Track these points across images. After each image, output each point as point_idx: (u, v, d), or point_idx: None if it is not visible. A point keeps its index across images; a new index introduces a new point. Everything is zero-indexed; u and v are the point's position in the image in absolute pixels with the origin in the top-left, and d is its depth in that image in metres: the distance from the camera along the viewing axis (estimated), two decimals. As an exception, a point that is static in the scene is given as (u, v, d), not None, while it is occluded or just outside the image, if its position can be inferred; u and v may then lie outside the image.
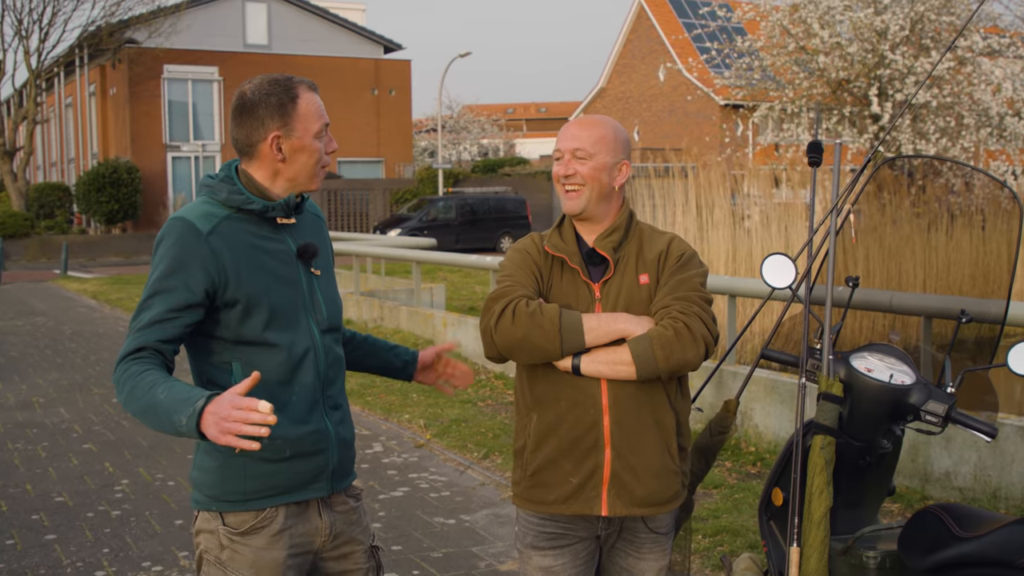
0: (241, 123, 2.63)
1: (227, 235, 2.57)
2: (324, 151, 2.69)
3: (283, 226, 2.69)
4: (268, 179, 2.66)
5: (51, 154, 49.11)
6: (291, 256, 2.67)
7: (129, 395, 2.41)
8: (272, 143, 2.61)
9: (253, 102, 2.61)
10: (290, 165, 2.65)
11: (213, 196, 2.63)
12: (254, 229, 2.63)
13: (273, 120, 2.60)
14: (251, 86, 2.64)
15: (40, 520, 6.10)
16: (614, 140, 2.93)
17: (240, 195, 2.62)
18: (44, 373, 11.19)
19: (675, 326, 2.77)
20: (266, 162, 2.65)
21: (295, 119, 2.62)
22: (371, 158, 41.70)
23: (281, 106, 2.60)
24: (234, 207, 2.61)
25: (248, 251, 2.59)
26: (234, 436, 2.21)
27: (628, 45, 46.91)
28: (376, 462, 7.31)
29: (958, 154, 22.90)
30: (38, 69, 35.98)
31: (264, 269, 2.61)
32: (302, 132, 2.63)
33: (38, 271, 27.85)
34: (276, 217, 2.65)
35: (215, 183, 2.65)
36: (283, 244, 2.67)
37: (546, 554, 2.95)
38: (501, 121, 65.41)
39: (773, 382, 7.18)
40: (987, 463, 5.83)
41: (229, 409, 2.22)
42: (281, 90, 2.62)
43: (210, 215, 2.59)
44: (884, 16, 22.09)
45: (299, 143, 2.63)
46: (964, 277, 15.32)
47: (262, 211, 2.62)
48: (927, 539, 2.97)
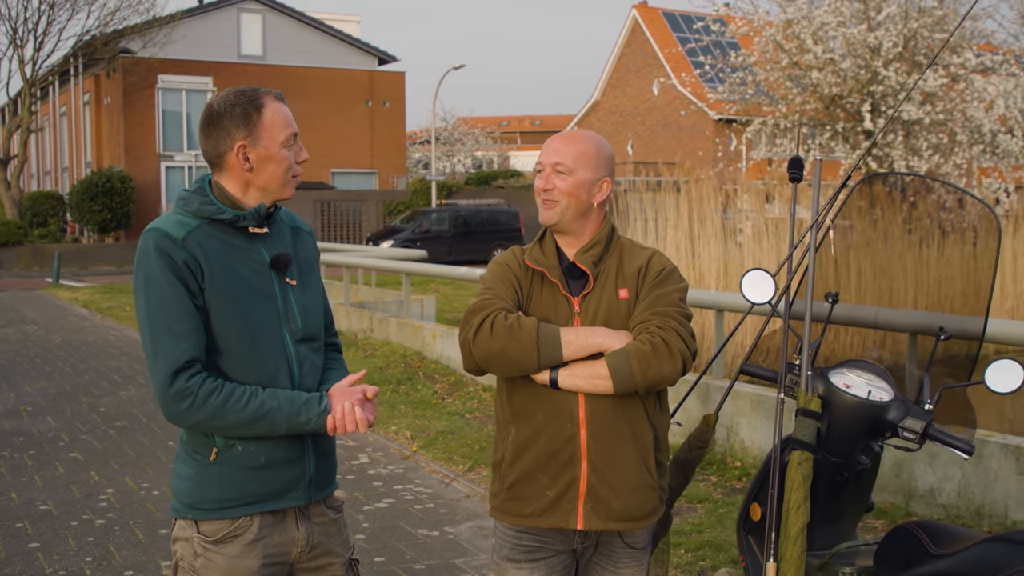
0: (208, 135, 2.67)
1: (201, 241, 2.60)
2: (294, 160, 2.71)
3: (256, 236, 2.70)
4: (239, 190, 2.68)
5: (45, 163, 49.08)
6: (264, 266, 2.69)
7: (221, 408, 2.55)
8: (238, 152, 2.64)
9: (219, 113, 2.64)
10: (258, 174, 2.67)
11: (186, 208, 2.65)
12: (226, 239, 2.64)
13: (239, 130, 2.63)
14: (218, 98, 2.67)
15: (24, 528, 6.08)
16: (596, 156, 2.94)
17: (211, 205, 2.64)
18: (32, 381, 11.17)
19: (653, 341, 2.78)
20: (235, 172, 2.67)
21: (260, 128, 2.64)
22: (365, 169, 41.72)
23: (246, 116, 2.63)
24: (206, 217, 2.63)
25: (221, 258, 2.61)
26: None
27: (622, 59, 47.07)
28: (362, 473, 7.30)
29: (950, 171, 22.98)
30: (33, 78, 35.97)
31: (236, 277, 2.62)
32: (268, 141, 2.65)
33: (30, 279, 27.80)
34: (248, 227, 2.67)
35: (188, 195, 2.68)
36: (256, 254, 2.68)
37: (522, 567, 2.96)
38: (495, 133, 65.52)
39: (759, 397, 7.19)
40: (971, 480, 5.84)
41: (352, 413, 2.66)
42: (246, 100, 2.64)
43: (183, 224, 2.61)
44: (877, 33, 22.20)
45: (265, 152, 2.65)
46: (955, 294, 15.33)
47: (233, 221, 2.64)
48: (902, 556, 2.98)
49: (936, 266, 15.44)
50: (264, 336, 2.64)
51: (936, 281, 15.33)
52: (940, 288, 15.30)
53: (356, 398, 2.67)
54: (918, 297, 15.08)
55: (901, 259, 15.12)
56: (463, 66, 41.29)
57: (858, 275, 14.24)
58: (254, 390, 2.58)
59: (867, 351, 5.43)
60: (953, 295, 15.21)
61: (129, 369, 11.99)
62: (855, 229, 14.99)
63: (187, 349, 2.53)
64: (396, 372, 11.09)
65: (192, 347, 2.53)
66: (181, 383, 2.51)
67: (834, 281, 4.12)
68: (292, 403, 2.61)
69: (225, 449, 2.61)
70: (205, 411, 2.53)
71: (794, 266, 3.42)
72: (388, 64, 43.48)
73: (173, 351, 2.52)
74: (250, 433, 2.58)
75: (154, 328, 2.55)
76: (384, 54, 43.06)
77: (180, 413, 2.53)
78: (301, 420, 2.60)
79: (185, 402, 2.52)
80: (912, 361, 5.92)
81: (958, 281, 15.42)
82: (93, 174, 34.94)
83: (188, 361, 2.52)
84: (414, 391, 10.23)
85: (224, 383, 2.56)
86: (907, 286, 15.04)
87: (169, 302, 2.54)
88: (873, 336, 10.80)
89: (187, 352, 2.53)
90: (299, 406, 2.61)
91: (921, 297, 15.12)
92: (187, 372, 2.52)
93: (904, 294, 14.91)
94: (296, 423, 2.60)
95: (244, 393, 2.56)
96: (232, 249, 2.64)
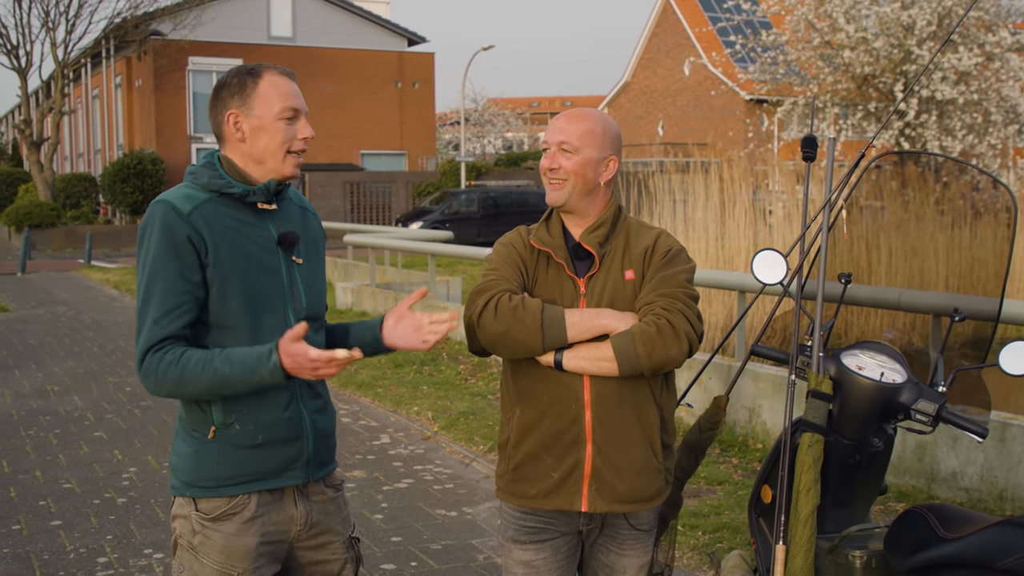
0: (211, 107, 2.70)
1: (207, 216, 2.59)
2: (295, 135, 2.68)
3: (264, 213, 2.69)
4: (244, 162, 2.68)
5: (78, 145, 49.48)
6: (271, 243, 2.68)
7: (179, 380, 2.50)
8: (229, 120, 2.65)
9: (219, 85, 2.68)
10: (252, 145, 2.66)
11: (195, 181, 2.65)
12: (235, 213, 2.64)
13: (232, 99, 2.65)
14: (224, 74, 2.70)
15: (47, 506, 6.14)
16: (602, 135, 2.90)
17: (221, 179, 2.63)
18: (61, 361, 11.27)
19: (658, 323, 2.75)
20: (232, 144, 2.67)
21: (254, 98, 2.64)
22: (394, 151, 41.75)
23: (242, 86, 2.64)
24: (215, 191, 2.63)
25: (228, 233, 2.60)
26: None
27: (653, 39, 46.76)
28: (383, 454, 7.31)
29: (985, 151, 22.68)
30: (65, 61, 36.22)
31: (243, 253, 2.61)
32: (261, 111, 2.64)
33: (63, 260, 28.06)
34: (256, 202, 2.66)
35: (198, 169, 2.68)
36: (264, 231, 2.67)
37: (527, 548, 2.94)
38: (525, 114, 65.41)
39: (781, 379, 7.13)
40: (994, 464, 5.77)
41: (307, 361, 2.43)
42: (244, 72, 2.66)
43: (191, 197, 2.61)
44: (911, 11, 21.89)
45: (258, 122, 2.64)
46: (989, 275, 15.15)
47: (242, 195, 2.63)
48: (911, 539, 2.94)
49: (968, 247, 15.25)
50: (268, 312, 2.64)
51: (968, 263, 15.15)
52: (972, 270, 15.13)
53: (304, 360, 2.46)
54: (949, 279, 14.91)
55: (932, 240, 14.94)
56: (492, 47, 41.21)
57: (889, 255, 14.09)
58: (209, 357, 2.51)
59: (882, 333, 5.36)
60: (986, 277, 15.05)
61: (156, 349, 12.07)
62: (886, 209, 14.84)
63: (163, 330, 2.52)
64: (420, 353, 11.09)
65: (169, 327, 2.53)
66: (147, 361, 2.53)
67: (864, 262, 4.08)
68: (244, 364, 2.49)
69: (223, 428, 2.60)
70: (167, 383, 2.53)
71: (807, 246, 3.38)
72: (417, 45, 43.45)
73: (151, 331, 2.53)
74: (217, 396, 2.57)
75: (144, 303, 2.56)
76: (413, 35, 43.02)
77: (150, 388, 2.56)
78: (255, 381, 2.50)
79: (150, 379, 2.54)
80: (936, 342, 5.85)
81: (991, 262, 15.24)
82: (125, 156, 35.17)
83: (162, 339, 2.53)
84: (437, 372, 10.24)
85: (183, 352, 2.51)
86: (938, 267, 14.87)
87: (159, 279, 2.53)
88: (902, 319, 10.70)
89: (161, 333, 2.53)
90: (251, 366, 2.49)
91: (952, 279, 14.95)
92: (154, 349, 2.53)
93: (935, 275, 14.75)
94: (251, 383, 2.50)
95: (199, 362, 2.50)
96: (240, 224, 2.63)
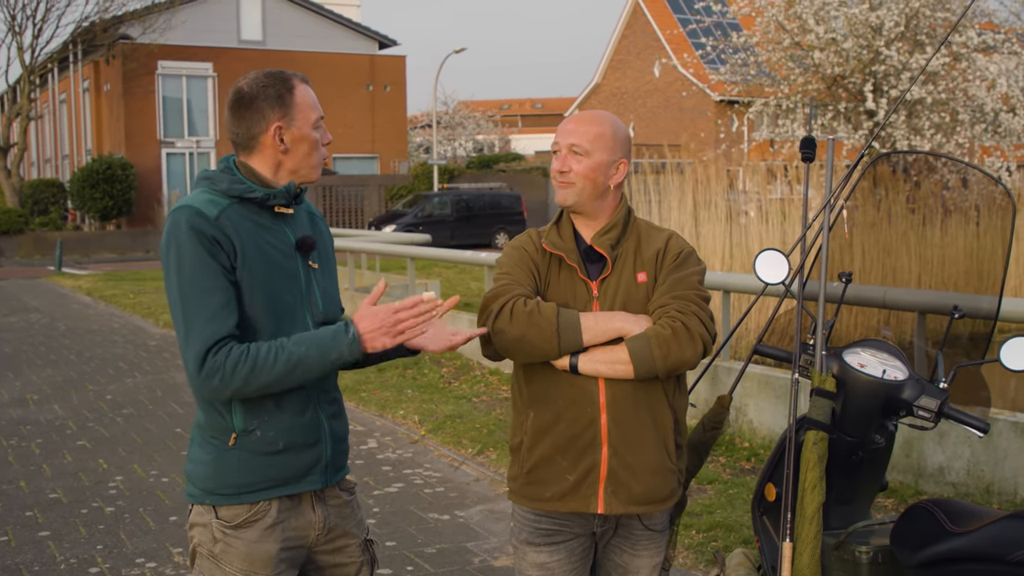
0: (241, 117, 2.65)
1: (233, 220, 2.59)
2: (322, 142, 2.73)
3: (281, 217, 2.70)
4: (270, 171, 2.68)
5: (45, 150, 49.01)
6: (290, 247, 2.69)
7: (251, 373, 2.50)
8: (275, 134, 2.64)
9: (252, 95, 2.63)
10: (292, 156, 2.67)
11: (214, 187, 2.64)
12: (256, 219, 2.64)
13: (274, 111, 2.63)
14: (247, 81, 2.67)
15: (34, 516, 6.09)
16: (612, 138, 2.92)
17: (241, 184, 2.64)
18: (38, 370, 11.18)
19: (673, 325, 2.77)
20: (268, 153, 2.67)
21: (295, 109, 2.65)
22: (366, 154, 41.65)
23: (280, 97, 2.64)
24: (236, 196, 2.63)
25: (252, 237, 2.61)
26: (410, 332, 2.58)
27: (623, 41, 46.90)
28: (371, 458, 7.31)
29: (953, 150, 22.91)
30: (32, 65, 35.89)
31: (266, 256, 2.62)
32: (302, 122, 2.66)
33: (32, 268, 27.80)
34: (275, 206, 2.67)
35: (215, 174, 2.67)
36: (283, 235, 2.68)
37: (541, 550, 2.96)
38: (496, 117, 65.38)
39: (767, 378, 7.19)
40: (980, 458, 5.85)
41: (389, 315, 2.55)
42: (278, 82, 2.65)
43: (214, 202, 2.60)
44: (879, 12, 22.09)
45: (299, 133, 2.66)
46: (959, 273, 15.32)
47: (263, 199, 2.64)
48: (919, 534, 2.97)
49: (940, 245, 15.40)
50: (288, 317, 2.64)
51: (940, 260, 15.31)
52: (944, 267, 15.28)
53: (384, 310, 2.58)
54: (922, 276, 15.05)
55: (905, 239, 15.08)
56: (464, 49, 41.23)
57: (863, 255, 14.22)
58: (280, 344, 2.54)
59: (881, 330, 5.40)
60: (958, 274, 15.20)
61: (135, 356, 12.00)
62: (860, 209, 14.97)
63: (220, 327, 2.51)
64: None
65: (224, 324, 2.52)
66: (210, 362, 2.50)
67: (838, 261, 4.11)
68: (319, 343, 2.54)
69: (244, 434, 2.60)
70: (236, 380, 2.50)
71: (807, 246, 3.41)
72: (388, 48, 43.38)
73: (204, 331, 2.50)
74: (290, 385, 2.55)
75: (187, 306, 2.52)
76: (384, 38, 42.95)
77: (213, 388, 2.51)
78: (333, 357, 2.54)
79: (215, 378, 2.50)
80: (920, 340, 5.91)
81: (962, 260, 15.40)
82: (94, 161, 34.89)
83: (220, 339, 2.51)
84: (421, 375, 10.24)
85: (248, 347, 2.52)
86: (911, 266, 15.01)
87: (202, 279, 2.52)
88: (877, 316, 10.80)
89: (220, 330, 2.51)
90: (327, 344, 2.54)
91: (925, 277, 15.10)
92: (215, 349, 2.50)
93: (908, 273, 14.89)
94: (329, 361, 2.55)
95: (270, 352, 2.52)
96: (262, 229, 2.64)
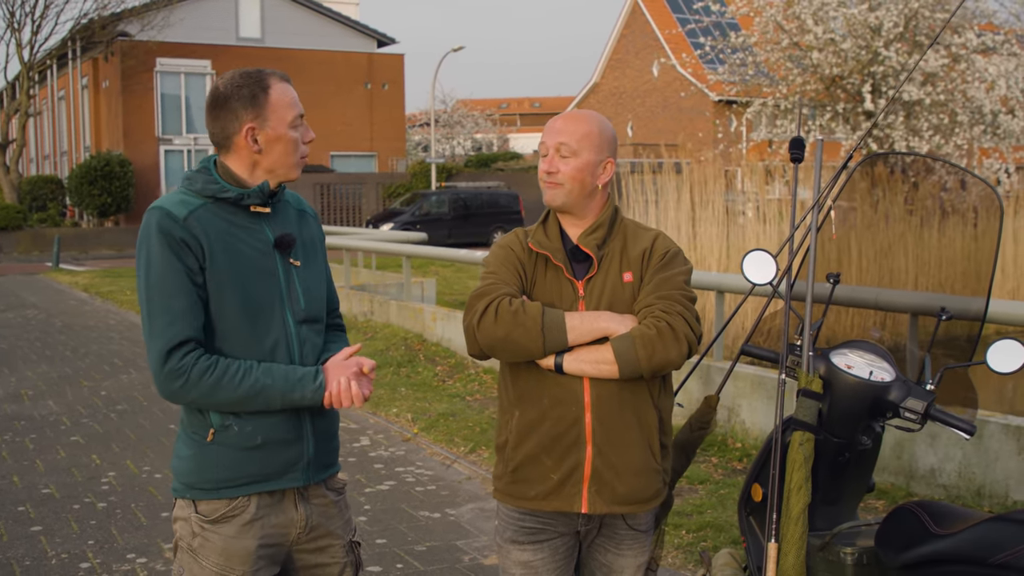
0: (216, 117, 2.66)
1: (203, 220, 2.60)
2: (301, 140, 2.72)
3: (260, 216, 2.70)
4: (246, 171, 2.69)
5: (44, 147, 49.00)
6: (268, 245, 2.69)
7: (214, 387, 2.54)
8: (247, 135, 2.64)
9: (226, 95, 2.64)
10: (267, 156, 2.68)
11: (190, 187, 2.67)
12: (230, 217, 2.65)
13: (247, 112, 2.63)
14: (223, 80, 2.68)
15: (26, 511, 6.09)
16: (599, 137, 2.91)
17: (215, 184, 2.65)
18: (33, 366, 11.18)
19: (658, 325, 2.76)
20: (243, 154, 2.67)
21: (268, 110, 2.65)
22: (364, 152, 41.66)
23: (253, 97, 2.64)
24: (210, 196, 2.64)
25: (223, 238, 2.61)
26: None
27: (622, 40, 46.91)
28: (363, 456, 7.31)
29: (951, 152, 22.92)
30: (30, 62, 35.89)
31: (239, 256, 2.63)
32: (276, 122, 2.66)
33: (30, 264, 27.81)
34: (251, 206, 2.67)
35: (192, 174, 2.70)
36: (260, 233, 2.69)
37: (525, 548, 2.96)
38: (495, 116, 65.37)
39: (760, 378, 7.19)
40: (972, 460, 5.85)
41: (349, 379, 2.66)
42: (252, 82, 2.65)
43: (185, 203, 2.62)
44: (878, 12, 22.10)
45: (273, 134, 2.66)
46: (956, 275, 15.31)
47: (237, 199, 2.65)
48: (903, 535, 2.98)
49: (937, 247, 15.40)
50: (264, 315, 2.65)
51: (937, 262, 15.31)
52: (941, 269, 15.28)
53: (352, 372, 2.67)
54: (919, 278, 15.05)
55: (902, 240, 15.08)
56: (462, 48, 41.22)
57: (859, 256, 14.22)
58: (248, 367, 2.58)
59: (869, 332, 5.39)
60: (954, 276, 15.20)
61: (130, 353, 12.00)
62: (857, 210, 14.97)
63: (183, 328, 2.53)
64: (396, 354, 11.09)
65: (188, 326, 2.54)
66: (175, 362, 2.52)
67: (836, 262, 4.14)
68: (287, 379, 2.60)
69: (221, 430, 2.61)
70: (199, 390, 2.54)
71: (795, 247, 3.41)
72: (387, 46, 43.38)
73: (168, 330, 2.53)
74: (246, 409, 2.59)
75: (151, 306, 2.55)
76: (383, 36, 42.95)
77: (174, 391, 2.55)
78: (296, 396, 2.60)
79: (178, 381, 2.53)
80: (913, 342, 5.91)
81: (959, 262, 15.39)
82: (92, 158, 34.89)
83: (183, 340, 2.53)
84: (415, 373, 10.24)
85: (219, 360, 2.56)
86: (908, 267, 15.01)
87: (167, 281, 2.54)
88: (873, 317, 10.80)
89: (183, 331, 2.53)
90: (293, 382, 2.60)
91: (922, 278, 15.10)
92: (181, 351, 2.53)
93: (905, 275, 14.89)
94: (291, 399, 2.61)
95: (238, 371, 2.56)
96: (236, 229, 2.64)
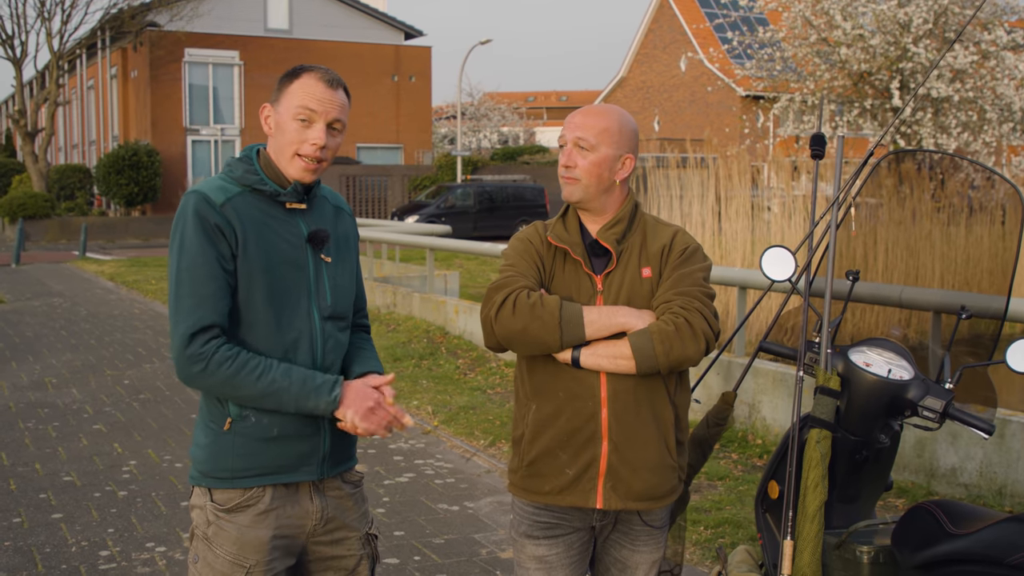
0: None
1: (239, 208, 2.62)
2: (305, 139, 2.64)
3: (295, 210, 2.72)
4: (276, 155, 2.71)
5: (72, 136, 49.35)
6: (301, 239, 2.70)
7: (232, 377, 2.54)
8: (263, 112, 2.71)
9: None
10: (274, 141, 2.70)
11: (230, 174, 2.69)
12: (266, 208, 2.67)
13: (273, 93, 2.71)
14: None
15: (47, 499, 6.14)
16: (619, 132, 2.89)
17: (255, 175, 2.67)
18: (58, 354, 11.26)
19: (676, 321, 2.75)
20: (268, 139, 2.73)
21: (284, 95, 2.67)
22: (390, 144, 41.72)
23: (280, 82, 2.69)
24: (248, 186, 2.66)
25: (258, 227, 2.63)
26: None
27: (650, 34, 46.78)
28: (383, 448, 7.33)
29: (980, 149, 22.74)
30: (60, 51, 36.14)
31: (271, 247, 2.64)
32: (284, 108, 2.66)
33: (57, 252, 28.02)
34: (286, 202, 2.69)
35: (234, 161, 2.72)
36: (294, 227, 2.70)
37: (540, 543, 2.95)
38: (521, 109, 65.27)
39: (781, 375, 7.16)
40: (993, 460, 5.80)
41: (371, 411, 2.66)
42: (293, 70, 2.71)
43: (224, 189, 2.64)
44: (907, 8, 21.94)
45: (279, 118, 2.68)
46: (981, 273, 15.18)
47: (273, 194, 2.67)
48: (919, 534, 2.96)
49: (964, 245, 15.27)
50: (290, 307, 2.65)
51: (963, 260, 15.17)
52: (967, 267, 15.15)
53: (367, 406, 2.65)
54: (945, 276, 14.93)
55: (929, 237, 14.95)
56: (489, 41, 41.16)
57: (886, 253, 14.11)
58: (268, 364, 2.57)
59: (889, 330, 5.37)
60: (980, 274, 15.07)
61: (154, 342, 12.08)
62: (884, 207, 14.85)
63: (208, 313, 2.54)
64: (419, 347, 11.12)
65: (213, 312, 2.54)
66: (196, 346, 2.53)
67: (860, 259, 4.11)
68: (304, 385, 2.59)
69: (238, 420, 2.62)
70: (216, 377, 2.54)
71: (815, 243, 3.39)
72: (414, 39, 43.38)
73: (194, 313, 2.54)
74: (259, 406, 2.60)
75: (180, 288, 2.56)
76: (411, 29, 42.95)
77: (192, 375, 2.56)
78: (309, 404, 2.59)
79: (197, 365, 2.53)
80: (936, 340, 5.87)
81: (985, 260, 15.25)
82: (120, 147, 35.10)
83: (207, 325, 2.54)
84: (436, 366, 10.25)
85: (240, 352, 2.56)
86: (934, 264, 14.89)
87: (197, 265, 2.55)
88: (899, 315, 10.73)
89: (208, 316, 2.54)
90: (310, 390, 2.59)
91: (948, 276, 14.97)
92: (204, 336, 2.53)
93: (931, 272, 14.76)
94: (304, 406, 2.59)
95: (258, 366, 2.56)
96: (270, 220, 2.66)
